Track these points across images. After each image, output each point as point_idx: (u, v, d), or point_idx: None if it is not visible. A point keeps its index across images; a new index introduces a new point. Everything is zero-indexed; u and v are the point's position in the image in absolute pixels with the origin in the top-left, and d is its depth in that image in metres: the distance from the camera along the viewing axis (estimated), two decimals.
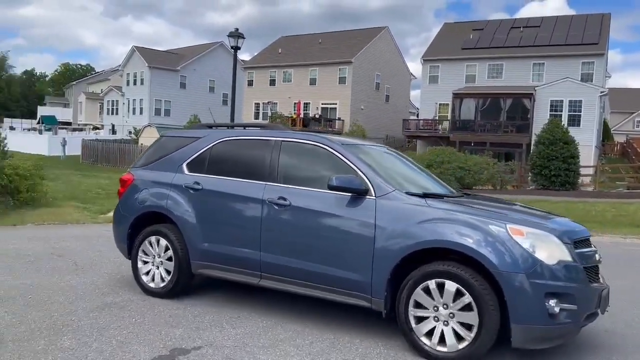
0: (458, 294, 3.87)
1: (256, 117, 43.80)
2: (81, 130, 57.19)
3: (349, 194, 4.40)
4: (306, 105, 40.86)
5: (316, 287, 4.48)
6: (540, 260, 3.79)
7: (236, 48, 17.72)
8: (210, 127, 5.86)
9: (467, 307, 3.84)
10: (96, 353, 3.82)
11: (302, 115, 39.07)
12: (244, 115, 43.10)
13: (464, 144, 31.50)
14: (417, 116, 40.83)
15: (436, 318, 3.97)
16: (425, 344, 3.98)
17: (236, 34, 17.62)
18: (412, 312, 4.05)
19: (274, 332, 4.43)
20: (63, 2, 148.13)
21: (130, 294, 5.36)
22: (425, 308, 4.01)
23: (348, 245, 4.33)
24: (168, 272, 5.24)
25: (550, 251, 3.86)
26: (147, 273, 5.38)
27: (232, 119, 18.67)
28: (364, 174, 4.47)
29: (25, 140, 40.21)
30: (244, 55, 19.87)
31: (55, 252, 7.29)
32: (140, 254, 5.43)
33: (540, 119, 29.40)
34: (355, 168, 4.53)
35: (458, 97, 33.64)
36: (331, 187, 4.42)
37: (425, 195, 4.43)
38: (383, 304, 4.17)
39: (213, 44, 53.30)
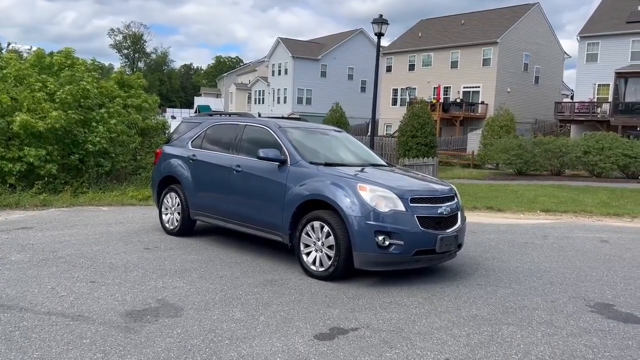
0: (327, 232, 5.35)
1: (394, 103, 43.46)
2: None
3: (277, 163, 5.89)
4: (446, 89, 39.55)
5: (257, 228, 6.16)
6: (374, 208, 5.14)
7: (379, 34, 17.73)
8: (210, 114, 8.20)
9: (330, 240, 5.31)
10: (264, 326, 4.12)
11: (442, 100, 37.95)
12: (382, 101, 43.03)
13: (627, 129, 28.28)
14: (572, 98, 37.38)
15: (315, 248, 5.48)
16: (308, 264, 5.53)
17: (380, 20, 17.61)
18: (302, 243, 5.58)
19: (429, 320, 4.42)
20: None
21: (288, 273, 5.69)
22: (309, 239, 5.52)
23: (271, 199, 5.92)
24: (177, 219, 7.23)
25: (386, 203, 5.19)
26: (168, 220, 7.42)
27: (374, 106, 18.78)
28: (285, 148, 6.00)
29: None
30: (383, 41, 19.81)
31: (223, 231, 7.92)
32: (163, 205, 7.48)
33: None
34: (282, 144, 6.07)
35: (622, 76, 30.17)
36: (258, 158, 5.98)
37: (326, 165, 5.80)
38: (288, 239, 5.74)
39: (352, 32, 53.81)
